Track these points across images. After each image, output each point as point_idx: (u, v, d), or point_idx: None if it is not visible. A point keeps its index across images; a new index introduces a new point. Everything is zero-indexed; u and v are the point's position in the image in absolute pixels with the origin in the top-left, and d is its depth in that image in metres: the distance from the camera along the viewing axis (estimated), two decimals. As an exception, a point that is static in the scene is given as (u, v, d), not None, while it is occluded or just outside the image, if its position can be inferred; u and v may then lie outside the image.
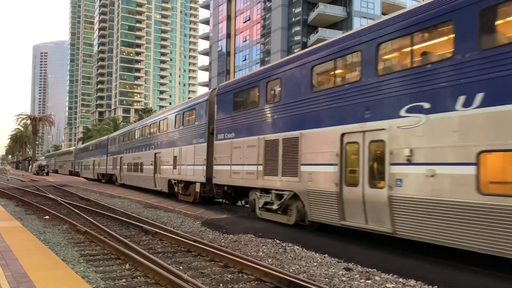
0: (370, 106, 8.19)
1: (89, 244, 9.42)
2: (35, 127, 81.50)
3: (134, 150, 26.53)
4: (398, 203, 7.43)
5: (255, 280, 6.64)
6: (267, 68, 12.32)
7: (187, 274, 6.59)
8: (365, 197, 8.14)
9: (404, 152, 7.37)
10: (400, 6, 50.19)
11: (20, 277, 5.18)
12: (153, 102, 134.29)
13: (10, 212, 13.96)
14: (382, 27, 8.20)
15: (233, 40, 64.71)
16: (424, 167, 7.02)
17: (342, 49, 9.17)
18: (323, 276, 6.87)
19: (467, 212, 6.34)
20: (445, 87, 6.86)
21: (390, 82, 7.84)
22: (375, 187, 7.98)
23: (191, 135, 16.89)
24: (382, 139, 7.89)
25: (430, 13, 7.28)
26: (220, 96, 14.50)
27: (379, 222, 7.88)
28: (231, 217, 12.90)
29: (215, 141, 14.49)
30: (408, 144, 7.33)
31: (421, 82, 7.26)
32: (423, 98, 7.18)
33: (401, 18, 7.91)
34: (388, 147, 7.71)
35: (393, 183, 7.52)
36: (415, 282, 6.37)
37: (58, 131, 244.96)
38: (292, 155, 10.40)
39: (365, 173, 8.22)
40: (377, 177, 8.03)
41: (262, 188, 11.75)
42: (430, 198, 6.89)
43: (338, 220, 8.88)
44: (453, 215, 6.53)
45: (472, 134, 6.40)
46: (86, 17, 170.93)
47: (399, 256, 7.66)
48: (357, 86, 8.58)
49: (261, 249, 8.94)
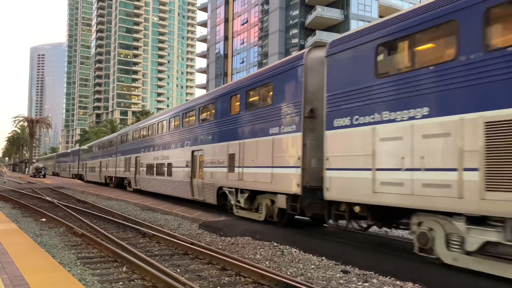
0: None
1: (85, 247, 9.38)
2: (32, 129, 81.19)
3: (156, 148, 21.31)
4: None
5: (253, 283, 6.63)
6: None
7: (184, 277, 6.57)
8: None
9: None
10: (397, 9, 50.47)
11: (16, 280, 5.15)
12: (151, 104, 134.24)
13: (6, 215, 13.89)
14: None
15: (231, 43, 64.83)
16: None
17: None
18: (320, 278, 6.87)
19: None
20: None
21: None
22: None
23: (265, 123, 11.64)
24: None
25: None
26: (340, 55, 9.00)
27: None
28: (229, 220, 12.87)
29: (326, 131, 9.11)
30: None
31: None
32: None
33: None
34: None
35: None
36: (412, 284, 6.37)
37: (55, 133, 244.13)
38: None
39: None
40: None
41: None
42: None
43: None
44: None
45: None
46: (83, 19, 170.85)
47: (396, 259, 7.67)
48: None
49: (258, 251, 8.92)
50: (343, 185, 8.59)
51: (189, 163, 16.75)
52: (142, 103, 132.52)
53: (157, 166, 21.00)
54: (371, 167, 7.91)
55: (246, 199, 12.68)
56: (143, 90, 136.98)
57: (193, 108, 17.16)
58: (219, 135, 14.45)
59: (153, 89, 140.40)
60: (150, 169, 22.06)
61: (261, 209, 12.15)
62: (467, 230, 6.36)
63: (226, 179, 13.69)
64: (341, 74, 8.95)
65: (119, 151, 29.85)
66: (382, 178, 7.70)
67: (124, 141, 28.99)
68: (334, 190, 8.82)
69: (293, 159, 10.30)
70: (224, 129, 14.09)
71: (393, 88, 7.64)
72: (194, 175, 16.43)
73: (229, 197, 13.71)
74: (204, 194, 15.38)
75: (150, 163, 22.12)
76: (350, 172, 8.42)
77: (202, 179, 15.52)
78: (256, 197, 12.51)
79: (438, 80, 6.82)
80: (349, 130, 8.51)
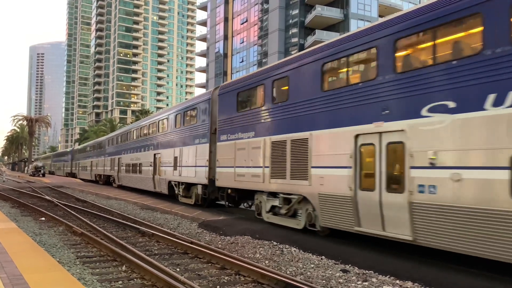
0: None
1: (85, 246, 9.38)
2: (31, 128, 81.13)
3: (132, 151, 26.04)
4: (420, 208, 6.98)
5: (252, 282, 6.63)
6: (273, 66, 11.88)
7: (184, 276, 6.57)
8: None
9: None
10: (396, 9, 50.44)
11: (16, 279, 5.14)
12: (150, 103, 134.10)
13: (5, 214, 13.89)
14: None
15: (231, 42, 64.77)
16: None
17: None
18: (320, 278, 6.87)
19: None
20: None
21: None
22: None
23: (192, 135, 16.45)
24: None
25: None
26: (222, 96, 14.14)
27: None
28: (228, 219, 12.88)
29: (217, 142, 14.12)
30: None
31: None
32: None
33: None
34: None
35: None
36: (412, 284, 6.38)
37: (54, 132, 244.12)
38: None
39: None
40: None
41: (271, 191, 11.31)
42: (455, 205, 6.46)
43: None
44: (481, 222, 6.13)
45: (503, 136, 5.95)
46: (83, 18, 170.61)
47: (396, 258, 7.67)
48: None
49: (258, 251, 8.92)
50: (224, 176, 13.72)
51: (152, 163, 21.64)
52: (141, 102, 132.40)
53: (132, 166, 25.80)
54: (233, 165, 13.07)
55: (184, 189, 17.48)
56: (143, 89, 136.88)
57: (155, 121, 22.61)
58: (169, 143, 19.32)
59: (153, 88, 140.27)
60: (128, 168, 26.87)
61: (193, 196, 16.74)
62: (267, 200, 11.65)
63: (172, 175, 18.51)
64: (224, 108, 14.05)
65: (107, 153, 34.29)
66: (237, 172, 12.82)
67: (111, 144, 33.47)
68: (220, 180, 13.98)
69: (204, 160, 15.11)
70: (172, 138, 19.09)
71: (242, 119, 12.81)
72: (155, 172, 21.25)
73: (175, 188, 18.41)
74: (161, 186, 20.20)
75: (128, 163, 26.97)
76: (226, 168, 13.58)
77: (159, 175, 20.42)
78: (190, 188, 17.04)
79: (254, 118, 12.12)
80: (226, 142, 13.62)
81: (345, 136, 8.59)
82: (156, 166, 20.91)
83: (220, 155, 13.89)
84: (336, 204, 8.79)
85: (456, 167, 6.48)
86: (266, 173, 11.27)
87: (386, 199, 7.60)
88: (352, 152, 8.38)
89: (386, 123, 7.71)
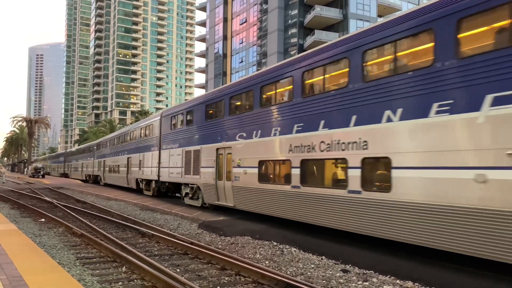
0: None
1: (85, 247, 9.37)
2: (31, 129, 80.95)
3: (113, 155, 31.66)
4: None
5: (252, 283, 6.63)
6: (185, 103, 18.47)
7: (184, 277, 6.57)
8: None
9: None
10: (395, 9, 50.47)
11: (15, 281, 5.13)
12: (150, 104, 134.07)
13: (5, 215, 13.88)
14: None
15: (230, 42, 64.74)
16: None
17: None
18: (320, 278, 6.87)
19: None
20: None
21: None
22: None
23: (150, 145, 22.17)
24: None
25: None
26: (164, 118, 20.14)
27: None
28: (228, 219, 12.88)
29: (161, 150, 20.00)
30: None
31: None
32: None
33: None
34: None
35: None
36: (412, 283, 6.38)
37: (54, 133, 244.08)
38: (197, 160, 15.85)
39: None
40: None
41: (185, 183, 17.10)
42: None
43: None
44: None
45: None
46: (82, 19, 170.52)
47: (396, 258, 7.67)
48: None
49: (258, 251, 8.92)
50: (164, 174, 19.41)
51: (126, 165, 27.31)
52: (141, 103, 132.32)
53: (113, 167, 31.32)
54: (168, 166, 18.74)
55: (145, 184, 23.29)
56: (142, 90, 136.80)
57: (128, 131, 28.43)
58: (136, 149, 25.04)
59: (152, 89, 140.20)
60: (110, 168, 32.44)
61: (151, 189, 22.20)
62: (184, 188, 17.34)
63: (138, 174, 24.40)
64: (165, 127, 19.84)
65: (95, 156, 39.82)
66: (171, 171, 18.43)
67: (98, 149, 38.81)
68: (162, 177, 19.73)
69: (156, 163, 20.67)
70: (138, 146, 24.77)
71: (173, 135, 18.67)
72: (128, 172, 26.82)
73: (140, 184, 24.18)
74: (131, 183, 25.90)
75: (110, 164, 32.68)
76: (165, 168, 19.25)
77: (131, 174, 26.14)
78: (149, 183, 22.54)
79: (177, 135, 17.99)
80: (165, 150, 19.30)
81: (212, 148, 14.52)
82: (129, 167, 26.66)
83: (162, 159, 19.77)
84: (209, 189, 14.75)
85: (246, 167, 12.56)
86: (182, 171, 17.06)
87: (226, 185, 13.63)
88: (215, 158, 14.29)
89: (226, 142, 13.67)
